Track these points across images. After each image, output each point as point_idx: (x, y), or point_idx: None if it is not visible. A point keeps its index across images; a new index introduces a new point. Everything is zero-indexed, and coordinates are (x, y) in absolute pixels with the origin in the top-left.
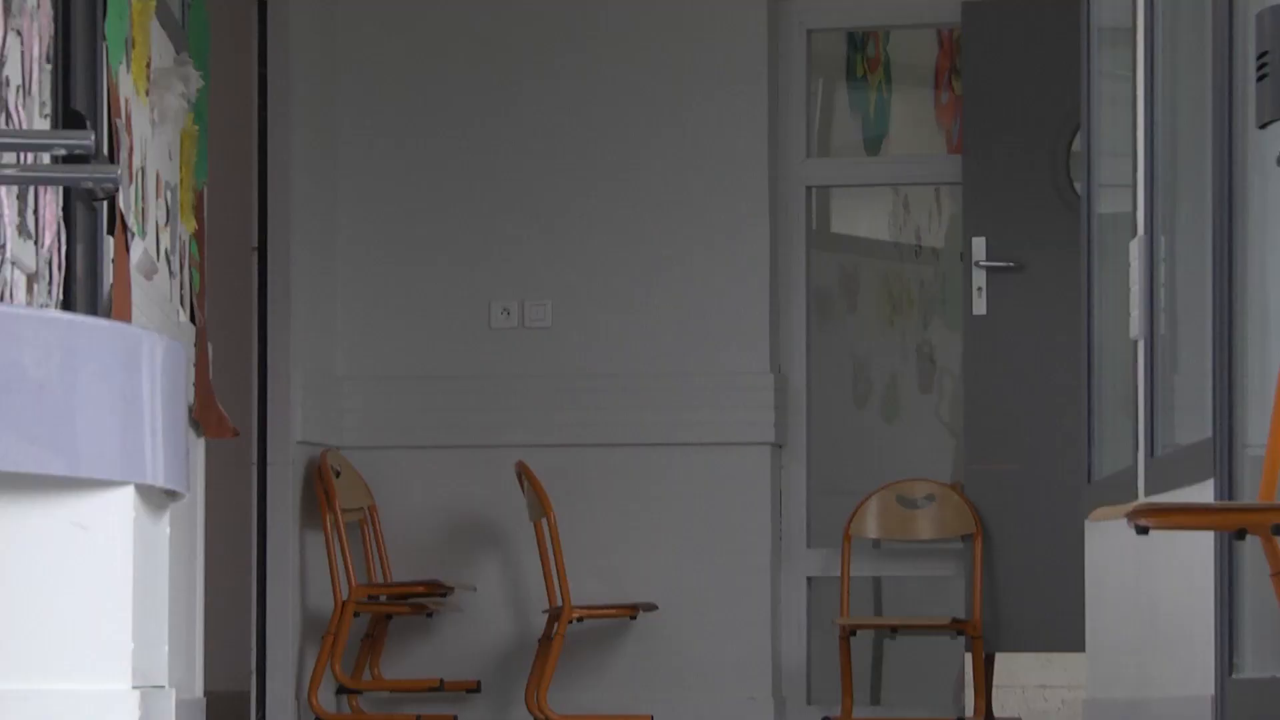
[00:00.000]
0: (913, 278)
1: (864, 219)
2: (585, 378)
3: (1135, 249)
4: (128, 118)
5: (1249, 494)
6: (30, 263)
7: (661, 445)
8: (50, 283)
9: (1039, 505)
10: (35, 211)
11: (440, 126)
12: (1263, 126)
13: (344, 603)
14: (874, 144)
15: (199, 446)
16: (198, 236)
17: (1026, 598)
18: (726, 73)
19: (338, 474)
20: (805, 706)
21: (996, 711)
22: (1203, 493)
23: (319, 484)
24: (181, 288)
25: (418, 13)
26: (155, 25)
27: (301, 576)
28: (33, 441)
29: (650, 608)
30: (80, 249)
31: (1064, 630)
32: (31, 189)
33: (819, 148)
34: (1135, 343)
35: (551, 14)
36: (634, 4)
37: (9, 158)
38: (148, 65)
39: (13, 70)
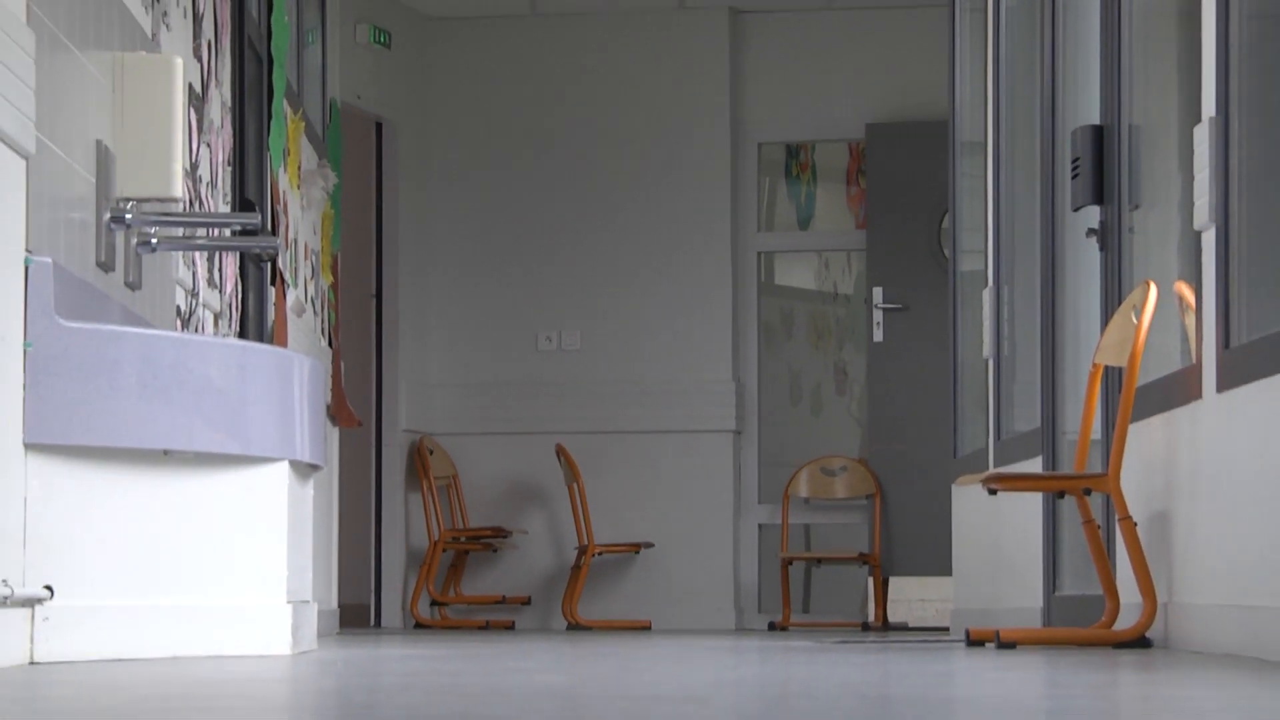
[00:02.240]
0: (831, 315)
1: (797, 274)
2: (604, 385)
3: (986, 296)
4: (285, 204)
5: (1066, 467)
6: (216, 305)
7: (657, 432)
8: (230, 319)
9: (920, 473)
10: (219, 269)
11: (500, 210)
12: (1076, 210)
13: (435, 542)
14: (805, 222)
15: (334, 434)
16: (334, 287)
17: (911, 538)
18: (701, 172)
19: (431, 452)
20: (757, 614)
21: (890, 618)
22: (1034, 466)
23: (418, 459)
24: (322, 323)
25: (483, 135)
26: (304, 139)
27: (406, 524)
28: (217, 430)
29: (649, 546)
30: (251, 296)
31: (938, 560)
32: (217, 253)
33: (766, 224)
34: (987, 360)
35: (579, 129)
36: (636, 128)
37: (201, 232)
38: (299, 167)
39: (204, 170)
